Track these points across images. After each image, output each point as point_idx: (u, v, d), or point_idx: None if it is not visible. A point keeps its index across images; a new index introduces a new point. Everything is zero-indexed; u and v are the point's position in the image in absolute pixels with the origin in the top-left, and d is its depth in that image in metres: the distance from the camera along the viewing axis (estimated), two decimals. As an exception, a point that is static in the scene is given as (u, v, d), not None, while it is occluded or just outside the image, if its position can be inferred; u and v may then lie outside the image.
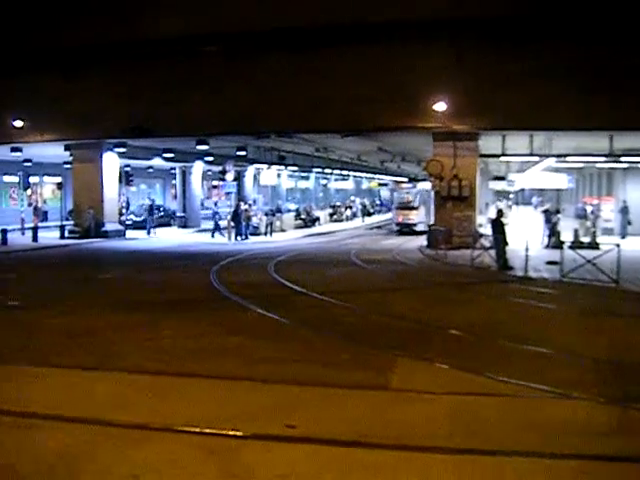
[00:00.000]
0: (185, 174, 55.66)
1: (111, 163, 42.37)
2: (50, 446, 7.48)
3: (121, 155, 42.67)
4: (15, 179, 47.10)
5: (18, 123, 36.96)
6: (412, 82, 30.55)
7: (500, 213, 27.02)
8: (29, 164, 48.07)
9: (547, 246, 32.72)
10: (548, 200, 53.79)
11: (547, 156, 37.77)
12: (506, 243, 25.13)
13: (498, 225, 25.70)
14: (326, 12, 28.93)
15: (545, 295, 19.46)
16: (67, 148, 41.60)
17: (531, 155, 37.41)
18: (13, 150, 40.31)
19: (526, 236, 25.73)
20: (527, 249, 23.82)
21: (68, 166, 45.61)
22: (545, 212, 36.80)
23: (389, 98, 31.01)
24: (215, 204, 52.90)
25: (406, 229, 47.48)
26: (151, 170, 63.51)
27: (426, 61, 30.14)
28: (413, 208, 48.79)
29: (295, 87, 32.37)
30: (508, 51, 29.18)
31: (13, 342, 12.88)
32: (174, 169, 58.83)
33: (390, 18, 28.55)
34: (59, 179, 47.97)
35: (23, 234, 40.97)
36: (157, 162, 52.23)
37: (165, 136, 38.74)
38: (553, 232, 33.69)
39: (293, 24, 29.56)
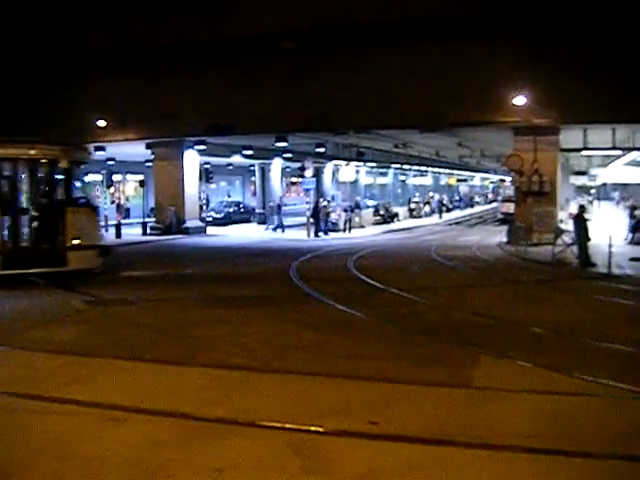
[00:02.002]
0: (264, 171, 56.06)
1: (191, 161, 42.96)
2: (134, 439, 7.62)
3: (201, 153, 43.26)
4: (99, 177, 48.03)
5: (101, 123, 37.64)
6: (491, 76, 30.22)
7: (582, 209, 26.59)
8: (112, 162, 48.98)
9: (631, 242, 32.06)
10: (632, 195, 52.71)
11: (630, 149, 37.08)
12: (588, 239, 24.71)
13: (580, 221, 25.28)
14: (403, 5, 28.81)
15: (629, 292, 19.05)
16: (149, 146, 42.32)
17: (613, 149, 36.75)
18: (97, 149, 41.12)
19: (609, 232, 25.25)
20: (610, 245, 23.39)
21: (150, 164, 46.42)
22: (631, 208, 36.10)
23: (469, 93, 30.73)
24: (280, 199, 52.96)
25: (510, 217, 47.37)
26: (230, 167, 64.06)
27: (505, 55, 29.80)
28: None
29: (373, 83, 32.30)
30: (588, 42, 28.66)
31: (101, 336, 13.18)
32: (253, 166, 59.30)
33: (468, 11, 28.28)
34: (141, 177, 48.72)
35: (107, 231, 41.82)
36: (236, 159, 52.71)
37: (244, 133, 39.04)
38: (637, 228, 33.00)
39: (371, 19, 29.52)
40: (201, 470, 6.81)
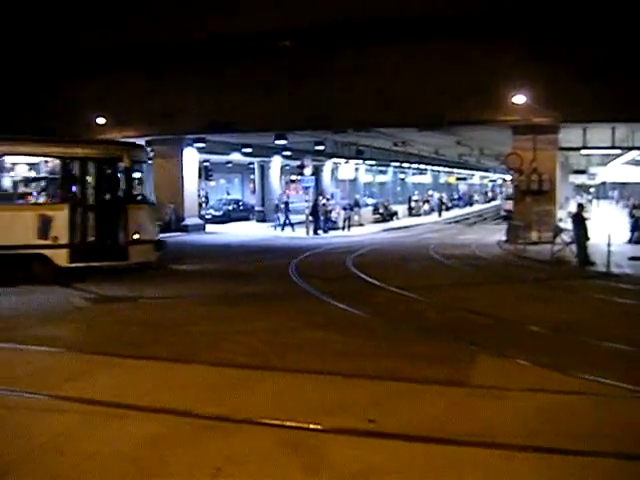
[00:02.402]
0: (263, 169, 56.09)
1: (191, 158, 43.01)
2: (133, 436, 7.65)
3: (200, 150, 43.30)
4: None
5: (101, 120, 37.65)
6: (491, 75, 30.23)
7: (581, 207, 26.62)
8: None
9: (630, 241, 32.07)
10: (631, 194, 52.77)
11: (630, 149, 37.12)
12: (587, 238, 24.73)
13: (579, 220, 25.30)
14: (404, 5, 28.82)
15: (628, 292, 19.08)
16: (148, 144, 42.29)
17: (613, 148, 36.77)
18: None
19: (608, 231, 25.27)
20: (609, 244, 23.40)
21: (149, 161, 46.40)
22: (632, 207, 36.13)
23: (468, 91, 30.74)
24: (287, 197, 53.08)
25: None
26: (230, 165, 64.07)
27: (505, 53, 29.81)
28: None
29: (373, 81, 32.33)
30: (587, 41, 28.66)
31: (100, 334, 13.21)
32: (252, 164, 59.28)
33: (468, 11, 28.29)
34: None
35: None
36: (236, 157, 52.74)
37: (244, 131, 39.08)
38: (636, 227, 33.01)
39: (371, 17, 29.52)
40: (200, 467, 6.83)
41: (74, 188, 20.77)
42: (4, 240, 19.10)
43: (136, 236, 21.19)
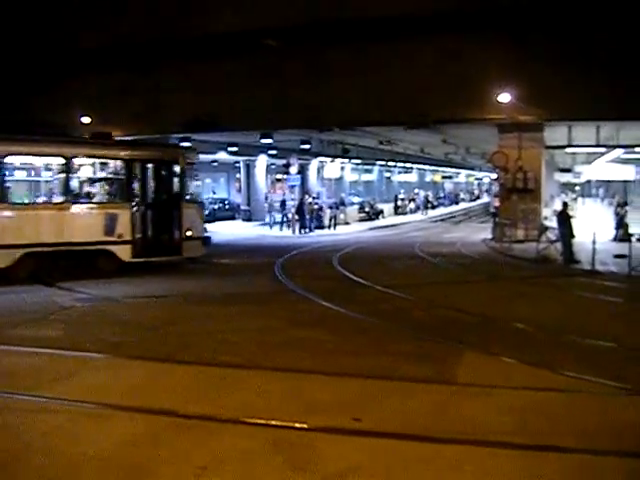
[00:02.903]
0: (249, 168, 56.02)
1: (177, 157, 42.91)
2: (120, 436, 7.64)
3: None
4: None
5: (86, 119, 37.49)
6: (477, 73, 30.24)
7: (566, 205, 26.71)
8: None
9: (615, 239, 32.19)
10: (615, 192, 52.94)
11: (614, 147, 37.20)
12: (572, 236, 24.83)
13: (564, 218, 25.39)
14: (389, 3, 28.80)
15: (613, 289, 19.18)
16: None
17: (598, 146, 36.86)
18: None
19: (593, 229, 25.36)
20: (594, 242, 23.49)
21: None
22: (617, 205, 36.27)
23: (454, 90, 30.74)
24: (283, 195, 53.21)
25: None
26: (215, 164, 63.91)
27: (490, 52, 29.81)
28: None
29: (359, 80, 32.29)
30: (573, 40, 28.72)
31: (86, 334, 13.15)
32: (238, 163, 59.17)
33: (455, 8, 28.30)
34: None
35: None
36: (221, 156, 52.58)
37: (229, 130, 38.98)
38: (621, 225, 33.16)
39: (355, 15, 29.48)
40: (185, 467, 6.83)
41: (136, 188, 22.47)
42: (74, 237, 20.81)
43: (189, 233, 23.14)
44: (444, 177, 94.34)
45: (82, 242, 20.96)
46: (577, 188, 64.85)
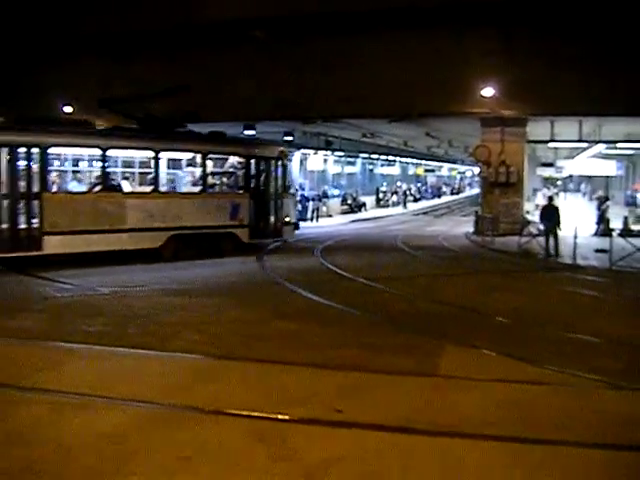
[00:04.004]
0: (232, 159, 55.84)
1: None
2: (100, 426, 7.62)
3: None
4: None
5: (68, 109, 37.26)
6: (460, 67, 30.27)
7: (551, 199, 26.89)
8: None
9: (596, 234, 32.37)
10: (597, 187, 53.21)
11: (596, 142, 37.39)
12: (559, 229, 24.99)
13: (553, 211, 25.50)
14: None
15: (593, 283, 19.33)
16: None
17: (580, 141, 37.05)
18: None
19: (574, 224, 25.50)
20: (575, 237, 23.62)
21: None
22: (598, 199, 36.50)
23: (437, 83, 30.77)
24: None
25: None
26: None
27: (474, 46, 29.86)
28: None
29: (342, 72, 32.24)
30: (557, 35, 28.80)
31: (67, 324, 13.12)
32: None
33: (439, 2, 28.35)
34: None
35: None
36: (205, 147, 52.41)
37: (212, 121, 38.66)
38: (602, 219, 33.35)
39: (340, 8, 29.44)
40: (167, 458, 6.83)
41: (252, 180, 26.12)
42: (207, 221, 24.42)
43: (287, 219, 27.49)
44: (427, 170, 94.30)
45: (214, 225, 24.66)
46: (559, 183, 65.12)
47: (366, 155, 65.33)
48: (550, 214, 25.54)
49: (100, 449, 7.04)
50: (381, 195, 66.20)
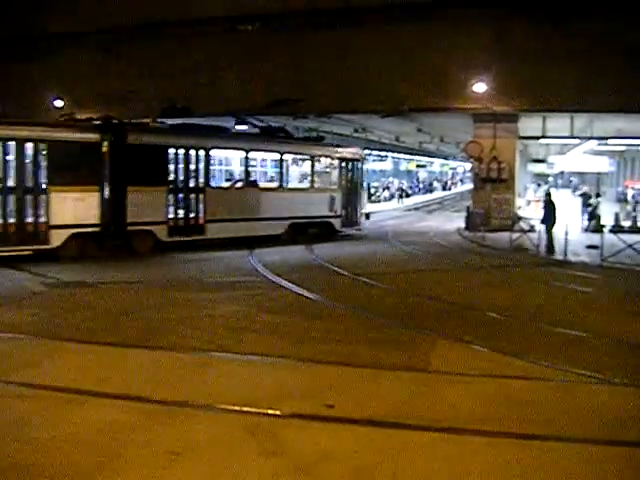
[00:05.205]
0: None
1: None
2: (91, 421, 7.58)
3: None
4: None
5: (59, 103, 37.12)
6: (453, 63, 30.27)
7: (549, 194, 26.96)
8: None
9: (586, 230, 32.43)
10: (588, 183, 53.29)
11: (588, 138, 37.44)
12: (554, 224, 25.02)
13: (552, 206, 25.51)
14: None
15: (584, 279, 19.34)
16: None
17: (572, 137, 37.08)
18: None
19: (566, 220, 25.52)
20: (567, 233, 23.65)
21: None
22: (583, 195, 36.54)
23: (429, 79, 30.77)
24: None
25: None
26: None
27: (467, 41, 29.84)
28: None
29: (334, 67, 32.20)
30: (550, 31, 28.77)
31: (56, 319, 13.06)
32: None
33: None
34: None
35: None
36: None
37: (203, 116, 38.60)
38: (593, 216, 33.41)
39: (333, 3, 29.42)
40: (158, 453, 6.80)
41: (342, 178, 31.06)
42: (314, 212, 29.59)
43: (363, 211, 33.26)
44: (419, 166, 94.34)
45: (318, 215, 29.81)
46: (550, 179, 65.21)
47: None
48: (548, 210, 25.55)
49: (90, 444, 7.00)
50: (372, 190, 66.15)
